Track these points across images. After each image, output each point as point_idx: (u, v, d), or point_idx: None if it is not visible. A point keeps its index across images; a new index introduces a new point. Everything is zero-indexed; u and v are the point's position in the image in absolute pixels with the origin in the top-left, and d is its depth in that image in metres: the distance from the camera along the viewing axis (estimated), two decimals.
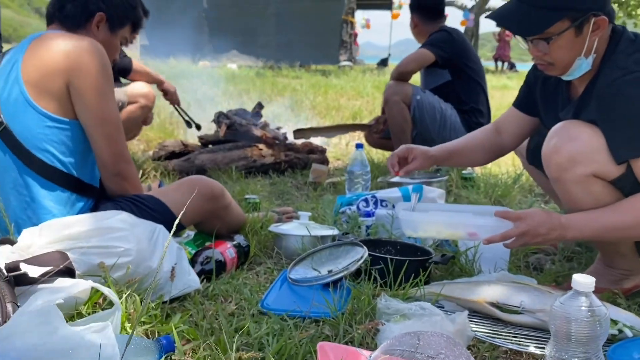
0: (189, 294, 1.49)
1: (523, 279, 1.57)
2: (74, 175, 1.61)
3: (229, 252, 1.73)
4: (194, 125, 3.45)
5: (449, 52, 3.18)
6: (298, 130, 3.61)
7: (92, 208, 1.65)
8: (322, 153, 3.58)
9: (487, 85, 3.38)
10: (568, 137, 1.47)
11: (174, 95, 3.30)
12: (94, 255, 1.32)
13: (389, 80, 3.34)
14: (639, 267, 1.63)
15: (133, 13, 1.80)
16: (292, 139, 3.63)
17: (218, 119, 3.60)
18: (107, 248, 1.34)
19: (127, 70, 3.00)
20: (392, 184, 2.77)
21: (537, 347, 1.29)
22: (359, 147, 2.60)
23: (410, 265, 1.58)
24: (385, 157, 3.84)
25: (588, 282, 1.00)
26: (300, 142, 3.60)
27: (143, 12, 1.83)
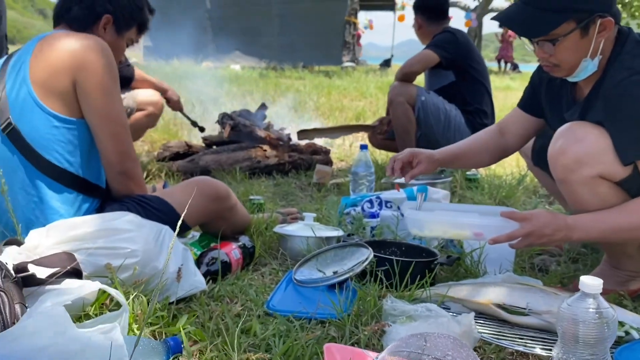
0: (195, 295, 1.49)
1: (528, 281, 1.57)
2: (81, 176, 1.61)
3: (234, 253, 1.74)
4: (198, 128, 3.48)
5: (453, 53, 3.18)
6: (302, 131, 3.61)
7: (98, 209, 1.65)
8: (326, 154, 3.58)
9: (491, 86, 3.38)
10: (574, 138, 1.47)
11: (177, 104, 3.34)
12: (101, 257, 1.32)
13: (394, 81, 3.34)
14: None
15: (139, 14, 1.80)
16: (295, 140, 3.63)
17: (222, 120, 3.60)
18: (114, 249, 1.34)
19: (130, 80, 3.02)
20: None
21: (543, 348, 1.29)
22: (364, 148, 2.60)
23: (416, 267, 1.58)
24: (390, 158, 3.83)
25: (596, 284, 1.00)
26: (304, 143, 3.60)
27: (149, 10, 1.83)
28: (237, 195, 1.95)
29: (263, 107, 3.89)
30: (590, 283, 1.00)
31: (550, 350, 1.24)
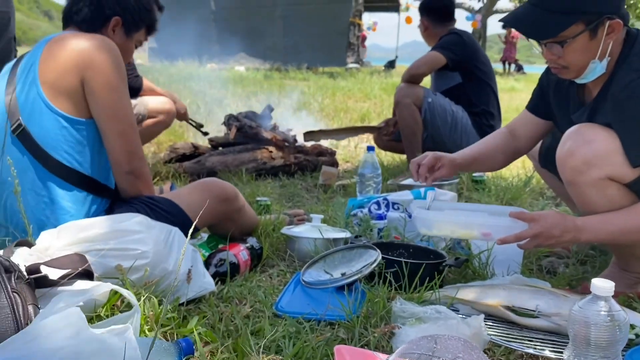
0: (204, 297, 1.49)
1: (537, 283, 1.56)
2: (90, 176, 1.62)
3: (242, 254, 1.74)
4: (202, 132, 3.55)
5: (460, 54, 3.18)
6: (308, 133, 3.62)
7: (107, 210, 1.66)
8: (331, 155, 3.59)
9: (497, 87, 3.38)
10: (583, 140, 1.47)
11: (184, 116, 3.37)
12: (111, 258, 1.33)
13: (400, 83, 3.34)
14: None
15: (148, 16, 1.81)
16: (301, 141, 3.63)
17: (228, 122, 3.61)
18: (124, 250, 1.35)
19: (138, 90, 3.04)
20: (402, 187, 2.77)
21: (552, 351, 1.28)
22: (370, 149, 2.60)
23: (425, 269, 1.58)
24: (395, 159, 3.83)
25: (607, 286, 1.00)
26: (310, 144, 3.60)
27: (158, 8, 1.84)
28: (243, 197, 1.96)
29: (269, 108, 3.89)
30: (602, 286, 1.00)
31: (560, 353, 1.25)
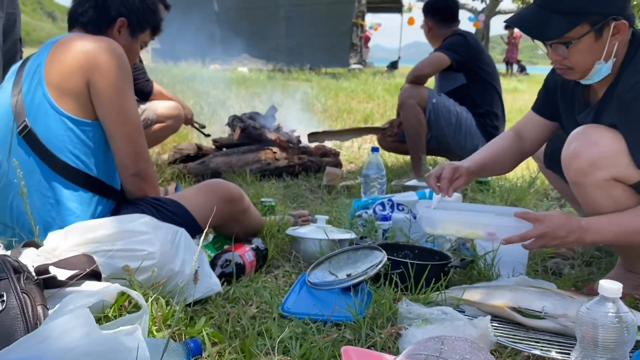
0: (210, 297, 1.50)
1: (542, 284, 1.56)
2: (96, 177, 1.63)
3: (248, 255, 1.74)
4: (204, 134, 3.57)
5: (464, 55, 3.17)
6: (312, 134, 3.62)
7: (113, 211, 1.66)
8: (335, 156, 3.59)
9: (501, 88, 3.38)
10: (588, 141, 1.47)
11: (190, 120, 3.39)
12: (119, 259, 1.33)
13: (404, 84, 3.34)
14: None
15: (153, 17, 1.82)
16: (305, 142, 3.64)
17: (232, 123, 3.61)
18: (131, 251, 1.35)
19: (149, 94, 3.07)
20: (407, 188, 2.77)
21: (559, 352, 1.28)
22: (375, 150, 2.60)
23: (431, 270, 1.58)
24: (399, 160, 3.84)
25: (615, 287, 0.99)
26: (314, 145, 3.61)
27: (165, 6, 1.84)
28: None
29: (272, 109, 3.90)
30: (610, 287, 1.00)
31: (567, 354, 1.24)
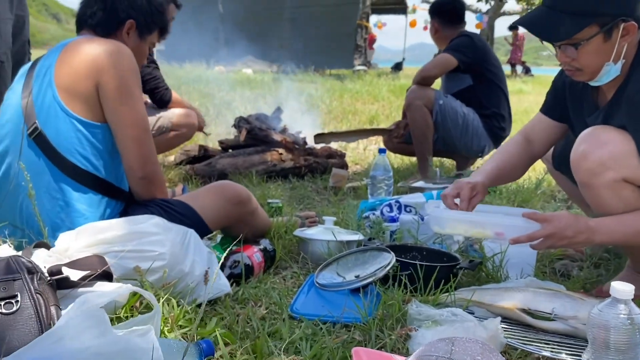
0: (220, 298, 1.50)
1: (551, 285, 1.56)
2: (105, 179, 1.63)
3: (256, 256, 1.75)
4: (204, 133, 3.62)
5: (471, 57, 3.17)
6: (318, 135, 3.63)
7: (121, 212, 1.67)
8: (341, 157, 3.59)
9: (508, 90, 3.37)
10: (598, 142, 1.47)
11: (201, 128, 3.43)
12: (129, 259, 1.34)
13: (411, 85, 3.34)
14: None
15: (160, 18, 1.82)
16: (311, 144, 3.64)
17: (238, 124, 3.62)
18: (142, 252, 1.36)
19: (167, 102, 3.12)
20: (413, 189, 2.77)
21: (569, 354, 1.28)
22: (382, 152, 2.61)
23: (440, 271, 1.58)
24: (405, 161, 3.83)
25: (627, 289, 0.99)
26: (320, 146, 3.61)
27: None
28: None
29: (278, 110, 3.91)
30: (622, 289, 1.00)
31: (577, 356, 1.24)
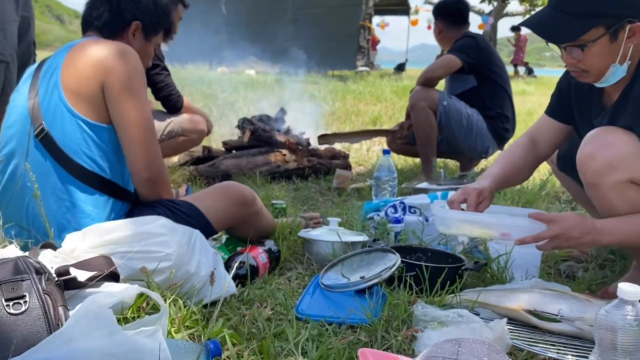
0: (225, 299, 1.50)
1: (557, 287, 1.56)
2: (111, 180, 1.64)
3: (261, 257, 1.75)
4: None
5: (475, 57, 3.17)
6: (322, 136, 3.63)
7: (127, 213, 1.67)
8: (344, 158, 3.60)
9: (512, 91, 3.37)
10: (604, 143, 1.46)
11: (209, 134, 3.44)
12: (136, 260, 1.34)
13: (415, 86, 3.34)
14: None
15: (166, 19, 1.83)
16: (314, 145, 3.64)
17: (242, 125, 3.63)
18: (148, 253, 1.36)
19: (179, 109, 3.14)
20: (417, 190, 2.77)
21: (575, 356, 1.28)
22: (386, 153, 2.61)
23: (446, 272, 1.57)
24: (409, 162, 3.83)
25: (635, 290, 0.99)
26: (323, 147, 3.61)
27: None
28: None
29: (282, 111, 3.91)
30: (629, 290, 0.99)
31: (584, 358, 1.24)
